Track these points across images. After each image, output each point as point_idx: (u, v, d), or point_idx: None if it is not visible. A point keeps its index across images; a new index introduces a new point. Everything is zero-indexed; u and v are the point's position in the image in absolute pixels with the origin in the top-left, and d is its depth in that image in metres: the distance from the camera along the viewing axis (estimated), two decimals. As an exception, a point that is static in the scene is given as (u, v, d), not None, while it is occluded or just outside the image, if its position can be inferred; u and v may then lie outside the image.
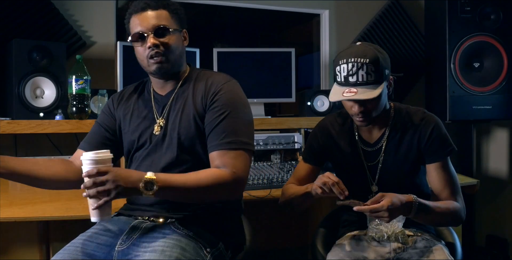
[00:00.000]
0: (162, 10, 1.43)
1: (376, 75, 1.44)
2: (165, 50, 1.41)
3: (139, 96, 1.56)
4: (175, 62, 1.45)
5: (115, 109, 1.57)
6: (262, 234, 2.19)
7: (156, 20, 1.41)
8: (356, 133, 1.63)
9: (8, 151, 2.34)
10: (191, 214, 1.41)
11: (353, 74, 1.44)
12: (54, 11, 2.46)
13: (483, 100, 2.81)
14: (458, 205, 1.52)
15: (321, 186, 1.41)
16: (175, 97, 1.48)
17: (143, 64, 1.46)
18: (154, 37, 1.40)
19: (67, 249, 1.32)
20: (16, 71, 2.14)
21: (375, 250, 1.50)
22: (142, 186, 1.22)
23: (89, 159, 1.23)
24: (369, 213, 1.35)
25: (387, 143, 1.59)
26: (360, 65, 1.43)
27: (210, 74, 1.52)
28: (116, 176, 1.20)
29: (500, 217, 3.25)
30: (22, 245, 1.73)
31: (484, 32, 2.80)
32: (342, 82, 1.47)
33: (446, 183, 1.55)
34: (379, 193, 1.38)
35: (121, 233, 1.37)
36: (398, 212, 1.37)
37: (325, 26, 3.17)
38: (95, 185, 1.19)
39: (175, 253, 1.25)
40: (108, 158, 1.26)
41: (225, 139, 1.37)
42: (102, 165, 1.23)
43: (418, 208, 1.39)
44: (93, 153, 1.23)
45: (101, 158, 1.24)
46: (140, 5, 1.43)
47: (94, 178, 1.19)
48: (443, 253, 1.47)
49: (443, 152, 1.55)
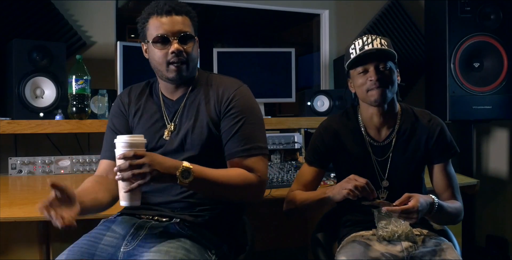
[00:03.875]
0: (185, 16, 1.42)
1: (389, 47, 1.53)
2: (187, 57, 1.41)
3: (148, 98, 1.53)
4: (192, 70, 1.45)
5: (126, 110, 1.54)
6: (262, 234, 2.19)
7: (181, 25, 1.39)
8: (363, 129, 1.63)
9: (8, 151, 2.34)
10: (195, 214, 1.41)
11: (368, 43, 1.53)
12: (54, 11, 2.46)
13: (483, 100, 2.81)
14: (461, 206, 1.58)
15: (353, 189, 1.40)
16: (186, 103, 1.47)
17: (160, 68, 1.42)
18: (179, 43, 1.38)
19: (71, 249, 1.31)
20: (16, 71, 2.14)
21: (388, 249, 1.50)
22: (179, 173, 1.21)
23: (124, 142, 1.20)
24: (399, 214, 1.36)
25: (396, 139, 1.60)
26: (374, 38, 1.54)
27: (219, 78, 1.51)
28: (152, 160, 1.18)
29: (500, 217, 3.25)
30: (22, 245, 1.73)
31: (484, 32, 2.80)
32: (358, 54, 1.53)
33: (449, 183, 1.60)
34: (405, 194, 1.39)
35: (126, 233, 1.35)
36: (423, 212, 1.39)
37: (325, 26, 3.18)
38: (131, 167, 1.16)
39: (179, 254, 1.25)
40: (142, 143, 1.23)
41: (245, 145, 1.39)
42: (137, 149, 1.20)
43: (437, 208, 1.42)
44: (128, 136, 1.21)
45: (136, 142, 1.21)
46: (165, 8, 1.39)
47: (131, 160, 1.17)
48: (454, 251, 1.50)
49: (449, 153, 1.61)
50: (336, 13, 3.15)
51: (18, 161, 2.26)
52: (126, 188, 1.19)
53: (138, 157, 1.18)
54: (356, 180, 1.40)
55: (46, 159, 2.29)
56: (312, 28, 3.41)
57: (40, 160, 2.28)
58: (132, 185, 1.18)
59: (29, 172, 2.26)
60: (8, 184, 2.08)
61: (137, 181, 1.17)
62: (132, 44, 2.46)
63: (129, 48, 2.44)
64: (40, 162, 2.28)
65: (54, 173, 2.29)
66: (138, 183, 1.17)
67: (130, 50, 2.44)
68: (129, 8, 3.28)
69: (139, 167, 1.17)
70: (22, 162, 2.26)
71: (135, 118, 1.52)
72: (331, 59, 3.14)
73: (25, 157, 2.28)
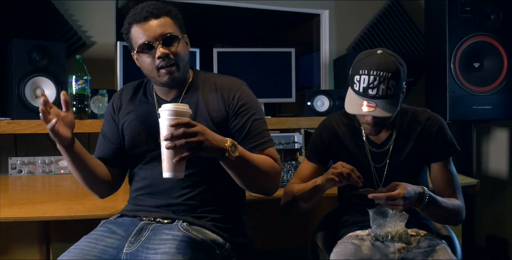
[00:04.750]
0: (165, 17, 1.39)
1: (395, 89, 1.43)
2: (175, 58, 1.38)
3: (141, 99, 1.53)
4: (184, 70, 1.43)
5: (116, 115, 1.54)
6: (262, 234, 2.19)
7: (161, 28, 1.36)
8: (363, 133, 1.63)
9: (8, 151, 2.34)
10: (198, 216, 1.41)
11: (373, 87, 1.42)
12: (54, 11, 2.46)
13: (483, 100, 2.81)
14: (460, 203, 1.54)
15: (338, 176, 1.40)
16: (182, 103, 1.45)
17: (152, 75, 1.41)
18: (163, 46, 1.36)
19: (72, 251, 1.30)
20: (16, 71, 2.15)
21: (380, 250, 1.50)
22: (228, 146, 1.21)
23: (169, 110, 1.16)
24: (385, 201, 1.35)
25: (394, 144, 1.59)
26: (382, 79, 1.41)
27: (218, 78, 1.51)
28: (205, 130, 1.17)
29: (500, 217, 3.25)
30: (22, 245, 1.73)
31: (484, 32, 2.80)
32: (360, 92, 1.44)
33: (449, 182, 1.56)
34: (393, 182, 1.39)
35: (128, 235, 1.34)
36: (411, 201, 1.37)
37: (325, 26, 3.17)
38: (185, 135, 1.13)
39: (187, 255, 1.24)
40: (188, 112, 1.19)
41: (260, 139, 1.43)
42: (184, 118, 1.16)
43: (428, 200, 1.40)
44: (173, 105, 1.17)
45: (182, 110, 1.17)
46: (143, 15, 1.37)
47: (186, 127, 1.13)
48: (446, 252, 1.48)
49: (448, 151, 1.57)
50: (336, 13, 3.15)
51: (18, 161, 2.26)
52: (174, 157, 1.14)
53: (192, 125, 1.15)
54: (343, 167, 1.41)
55: (46, 159, 2.29)
56: (312, 28, 3.41)
57: (40, 160, 2.28)
58: (184, 154, 1.14)
59: (29, 172, 2.26)
60: (8, 184, 2.08)
61: (187, 150, 1.14)
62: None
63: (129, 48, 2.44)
64: (40, 162, 2.28)
65: (54, 173, 2.29)
66: (189, 153, 1.14)
67: (130, 50, 2.43)
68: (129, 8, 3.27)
69: (194, 135, 1.14)
70: (22, 162, 2.26)
71: (127, 120, 1.51)
72: (331, 59, 3.14)
73: (25, 157, 2.28)
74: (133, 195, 1.50)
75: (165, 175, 1.18)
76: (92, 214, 1.57)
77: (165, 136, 1.14)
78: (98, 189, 1.50)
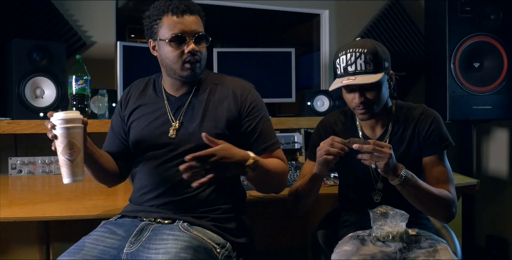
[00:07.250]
0: (197, 16, 1.44)
1: (374, 64, 1.47)
2: (201, 57, 1.44)
3: (151, 94, 1.55)
4: (203, 69, 1.49)
5: (123, 111, 1.57)
6: (262, 234, 2.19)
7: (196, 26, 1.42)
8: (359, 130, 1.63)
9: (8, 151, 2.34)
10: (198, 215, 1.41)
11: (351, 63, 1.48)
12: (54, 11, 2.46)
13: (483, 100, 2.81)
14: (450, 195, 1.50)
15: (326, 153, 1.41)
16: (192, 100, 1.49)
17: (174, 66, 1.44)
18: (194, 43, 1.41)
19: (71, 251, 1.30)
20: (16, 71, 2.14)
21: (381, 250, 1.49)
22: (249, 163, 1.27)
23: (61, 119, 1.21)
24: (372, 153, 1.34)
25: (390, 139, 1.59)
26: (358, 54, 1.47)
27: (229, 79, 1.55)
28: (224, 154, 1.23)
29: (500, 217, 3.25)
30: (22, 245, 1.73)
31: (484, 32, 2.80)
32: (341, 73, 1.51)
33: (440, 176, 1.54)
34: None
35: (128, 235, 1.35)
36: (394, 162, 1.37)
37: (325, 26, 3.18)
38: (204, 165, 1.19)
39: (189, 255, 1.24)
40: (80, 118, 1.26)
41: (269, 141, 1.49)
42: None
43: (406, 176, 1.38)
44: (63, 113, 1.22)
45: (73, 117, 1.23)
46: (181, 7, 1.40)
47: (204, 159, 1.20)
48: (448, 252, 1.47)
49: (440, 145, 1.55)
50: (336, 13, 3.15)
51: (18, 161, 2.26)
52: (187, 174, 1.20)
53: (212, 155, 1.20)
54: (325, 143, 1.43)
55: (46, 159, 2.29)
56: (312, 28, 3.41)
57: (40, 160, 2.28)
58: (203, 179, 1.20)
59: (29, 172, 2.26)
60: (8, 184, 2.08)
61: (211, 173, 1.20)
62: (132, 44, 2.47)
63: (129, 48, 2.44)
64: (40, 162, 2.28)
65: (54, 173, 2.29)
66: (211, 176, 1.20)
67: (130, 50, 2.44)
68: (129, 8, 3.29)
69: (211, 164, 1.20)
70: (22, 162, 2.26)
71: (134, 115, 1.53)
72: (331, 59, 3.14)
73: (25, 157, 2.28)
74: (136, 194, 1.51)
75: (65, 180, 1.23)
76: (92, 214, 1.57)
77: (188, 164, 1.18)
78: (107, 181, 1.55)
